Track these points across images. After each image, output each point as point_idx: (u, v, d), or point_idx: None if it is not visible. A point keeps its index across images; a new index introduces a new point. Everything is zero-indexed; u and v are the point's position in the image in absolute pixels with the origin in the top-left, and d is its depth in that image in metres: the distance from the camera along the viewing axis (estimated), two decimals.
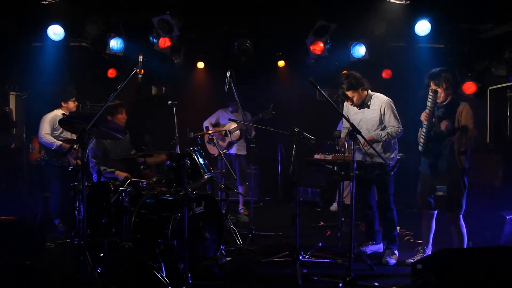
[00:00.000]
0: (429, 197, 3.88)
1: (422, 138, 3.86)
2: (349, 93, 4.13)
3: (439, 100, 3.79)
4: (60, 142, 5.12)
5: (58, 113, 5.26)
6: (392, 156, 4.15)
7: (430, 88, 3.79)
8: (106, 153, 4.68)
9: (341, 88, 4.14)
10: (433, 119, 3.79)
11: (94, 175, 4.66)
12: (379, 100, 4.15)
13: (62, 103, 5.32)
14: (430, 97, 3.74)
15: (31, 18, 5.32)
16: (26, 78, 6.48)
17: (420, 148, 3.92)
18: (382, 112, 4.11)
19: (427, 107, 3.76)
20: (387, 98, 4.17)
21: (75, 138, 5.14)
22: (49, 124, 5.15)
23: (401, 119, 4.16)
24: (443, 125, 3.73)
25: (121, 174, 4.53)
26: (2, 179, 5.90)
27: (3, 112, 6.02)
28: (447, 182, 3.76)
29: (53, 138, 5.13)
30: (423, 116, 3.78)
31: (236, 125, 6.03)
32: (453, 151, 3.75)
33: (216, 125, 6.29)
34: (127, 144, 5.01)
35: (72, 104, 5.34)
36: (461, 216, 3.79)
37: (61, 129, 5.13)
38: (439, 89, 3.75)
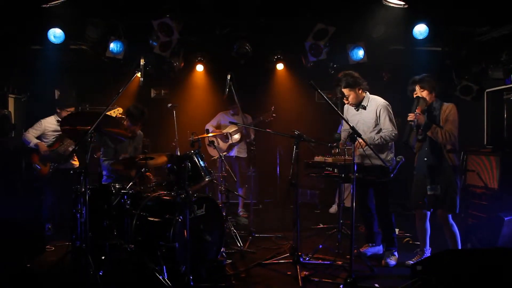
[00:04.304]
0: (423, 197, 3.93)
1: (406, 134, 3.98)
2: (346, 91, 4.19)
3: (424, 105, 3.93)
4: (37, 141, 5.15)
5: (52, 120, 5.31)
6: (387, 158, 4.18)
7: (415, 93, 3.98)
8: (116, 151, 4.64)
9: (338, 85, 4.19)
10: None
11: (104, 172, 4.67)
12: (376, 103, 4.20)
13: (58, 109, 5.32)
14: (418, 103, 3.91)
15: (31, 21, 5.32)
16: (25, 80, 6.47)
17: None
18: (378, 115, 4.16)
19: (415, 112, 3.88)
20: (384, 101, 4.22)
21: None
22: (39, 129, 5.24)
23: (398, 121, 4.21)
24: (409, 116, 3.87)
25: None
26: (1, 181, 5.88)
27: (2, 115, 6.00)
28: (440, 182, 3.83)
29: (33, 137, 5.16)
30: (410, 117, 3.87)
31: (236, 128, 6.07)
32: (441, 150, 3.84)
33: (217, 128, 6.32)
34: (140, 143, 4.97)
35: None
36: (449, 215, 3.86)
37: (51, 137, 5.25)
38: (423, 93, 3.92)
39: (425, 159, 3.94)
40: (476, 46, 5.85)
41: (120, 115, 4.98)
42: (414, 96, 3.99)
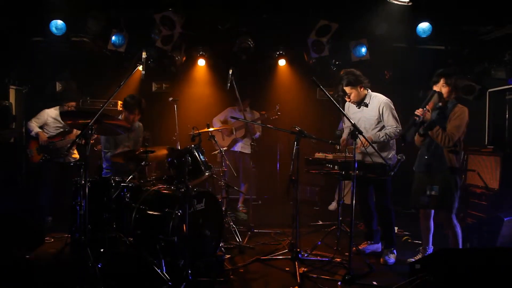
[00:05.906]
0: (423, 196, 3.89)
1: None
2: (347, 89, 4.17)
3: (438, 101, 3.83)
4: (39, 130, 5.18)
5: (54, 111, 5.32)
6: (389, 156, 4.17)
7: (436, 86, 3.81)
8: (116, 144, 4.64)
9: (340, 83, 4.18)
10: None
11: (104, 165, 4.67)
12: (378, 100, 4.18)
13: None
14: (431, 98, 3.77)
15: (32, 12, 5.30)
16: (26, 72, 6.46)
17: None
18: (381, 112, 4.14)
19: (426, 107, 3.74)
20: (386, 98, 4.20)
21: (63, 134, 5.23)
22: (41, 119, 5.26)
23: (400, 119, 4.19)
24: (417, 111, 3.73)
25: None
26: (1, 173, 5.88)
27: (3, 106, 5.99)
28: (438, 181, 3.79)
29: (35, 126, 5.19)
30: (418, 112, 3.73)
31: (242, 123, 6.09)
32: (442, 150, 3.79)
33: (224, 122, 6.34)
34: (140, 136, 4.96)
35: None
36: (453, 215, 3.80)
37: (53, 128, 5.27)
38: (444, 89, 3.79)
39: (426, 157, 3.92)
40: (479, 46, 5.82)
41: (121, 108, 4.98)
42: (434, 88, 3.83)
